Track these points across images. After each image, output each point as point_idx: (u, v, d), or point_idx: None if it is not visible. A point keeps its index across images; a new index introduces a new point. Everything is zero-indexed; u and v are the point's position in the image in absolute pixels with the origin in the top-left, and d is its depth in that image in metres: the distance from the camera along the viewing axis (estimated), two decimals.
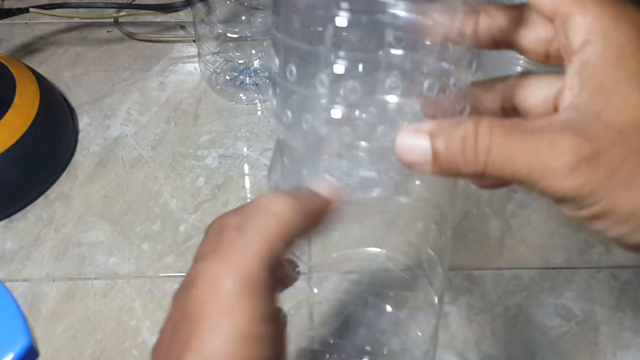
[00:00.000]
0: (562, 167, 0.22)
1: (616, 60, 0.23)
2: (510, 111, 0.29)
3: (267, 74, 0.65)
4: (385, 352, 0.38)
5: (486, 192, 0.57)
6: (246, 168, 0.60)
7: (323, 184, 0.27)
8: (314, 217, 0.27)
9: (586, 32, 0.24)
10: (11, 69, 0.60)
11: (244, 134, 0.62)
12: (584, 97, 0.24)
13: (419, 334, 0.37)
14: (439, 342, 0.49)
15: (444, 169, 0.24)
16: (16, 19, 0.71)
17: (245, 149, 0.61)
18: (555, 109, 0.26)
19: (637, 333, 0.49)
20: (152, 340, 0.49)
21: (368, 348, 0.37)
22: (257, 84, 0.65)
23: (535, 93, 0.28)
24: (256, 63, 0.66)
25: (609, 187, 0.22)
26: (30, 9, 0.66)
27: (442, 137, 0.23)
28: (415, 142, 0.24)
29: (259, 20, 0.64)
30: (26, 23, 0.73)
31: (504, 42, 0.28)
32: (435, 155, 0.23)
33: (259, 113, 0.64)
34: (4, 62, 0.61)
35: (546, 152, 0.22)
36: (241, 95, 0.65)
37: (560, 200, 0.23)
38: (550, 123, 0.23)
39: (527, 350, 0.49)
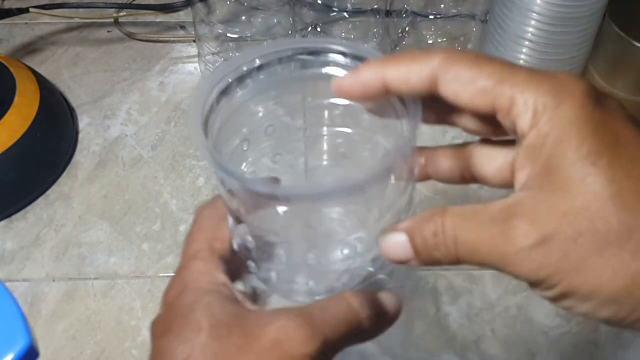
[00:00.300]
0: (517, 254, 0.23)
1: (559, 141, 0.24)
2: (469, 178, 0.30)
3: None
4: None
5: (486, 192, 0.57)
6: None
7: (396, 300, 0.30)
8: (377, 331, 0.29)
9: (530, 116, 0.24)
10: (11, 69, 0.60)
11: None
12: (532, 179, 0.24)
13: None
14: (439, 342, 0.49)
15: (427, 262, 0.26)
16: (16, 19, 0.71)
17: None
18: (512, 176, 0.26)
19: (637, 333, 0.49)
20: None
21: None
22: None
23: (491, 162, 0.29)
24: None
25: (565, 270, 0.23)
26: (30, 9, 0.66)
27: (417, 235, 0.26)
28: (395, 243, 0.26)
29: (259, 20, 0.64)
30: (26, 23, 0.73)
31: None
32: (415, 252, 0.26)
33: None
34: (4, 62, 0.61)
35: (501, 240, 0.24)
36: None
37: (527, 283, 0.24)
38: (503, 209, 0.24)
39: (527, 350, 0.49)
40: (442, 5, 0.66)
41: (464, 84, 0.25)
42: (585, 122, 0.23)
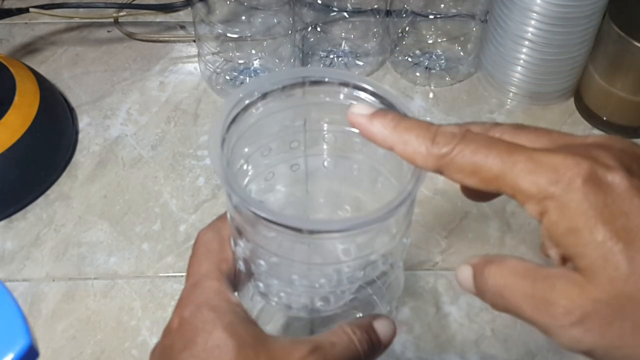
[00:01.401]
0: (558, 328, 0.25)
1: (570, 232, 0.24)
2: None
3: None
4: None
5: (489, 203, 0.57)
6: None
7: (390, 326, 0.33)
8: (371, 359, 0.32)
9: (535, 206, 0.25)
10: (11, 69, 0.60)
11: None
12: (558, 260, 0.26)
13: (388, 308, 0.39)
14: (439, 342, 0.49)
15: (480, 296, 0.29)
16: (16, 19, 0.71)
17: (245, 149, 0.61)
18: None
19: None
20: (152, 340, 0.49)
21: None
22: None
23: None
24: (256, 63, 0.66)
25: (607, 346, 0.24)
26: (30, 9, 0.66)
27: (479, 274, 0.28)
28: (465, 275, 0.29)
29: (259, 20, 0.64)
30: (26, 23, 0.73)
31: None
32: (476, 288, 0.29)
33: None
34: (4, 62, 0.61)
35: (545, 313, 0.25)
36: None
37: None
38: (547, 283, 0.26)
39: (527, 350, 0.49)
40: (442, 5, 0.66)
41: (467, 175, 0.26)
42: (590, 209, 0.24)
